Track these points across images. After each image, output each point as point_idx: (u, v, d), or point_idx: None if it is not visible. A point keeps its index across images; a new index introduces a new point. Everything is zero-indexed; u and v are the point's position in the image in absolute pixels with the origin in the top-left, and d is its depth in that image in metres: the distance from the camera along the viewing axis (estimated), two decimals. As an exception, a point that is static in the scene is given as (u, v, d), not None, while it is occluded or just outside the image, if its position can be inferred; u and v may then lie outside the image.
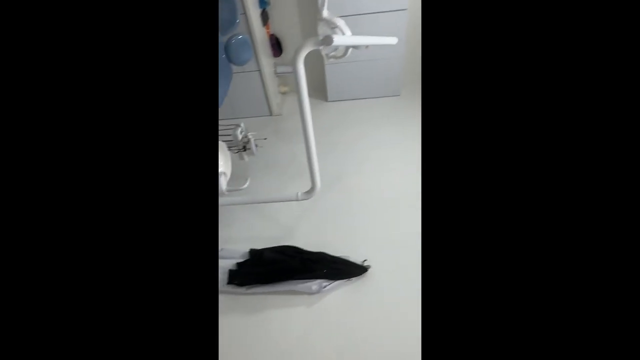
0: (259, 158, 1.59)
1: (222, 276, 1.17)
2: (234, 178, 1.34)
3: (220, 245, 1.31)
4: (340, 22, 1.02)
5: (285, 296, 1.15)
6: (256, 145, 1.48)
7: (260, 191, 1.57)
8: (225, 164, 1.31)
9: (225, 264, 1.19)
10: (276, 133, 1.96)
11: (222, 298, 1.17)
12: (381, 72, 2.02)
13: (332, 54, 1.18)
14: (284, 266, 1.13)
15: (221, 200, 1.18)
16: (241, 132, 1.42)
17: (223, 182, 1.20)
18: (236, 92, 1.99)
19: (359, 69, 2.00)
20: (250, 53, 1.32)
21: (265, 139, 1.51)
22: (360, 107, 2.08)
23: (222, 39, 1.27)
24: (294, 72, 0.85)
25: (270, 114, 2.12)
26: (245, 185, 1.20)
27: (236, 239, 1.38)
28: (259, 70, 1.92)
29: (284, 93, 2.26)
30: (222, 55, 1.26)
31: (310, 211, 1.45)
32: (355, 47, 1.08)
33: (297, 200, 1.11)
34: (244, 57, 1.30)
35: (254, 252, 1.23)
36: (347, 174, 1.62)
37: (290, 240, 1.30)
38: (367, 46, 1.06)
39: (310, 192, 1.09)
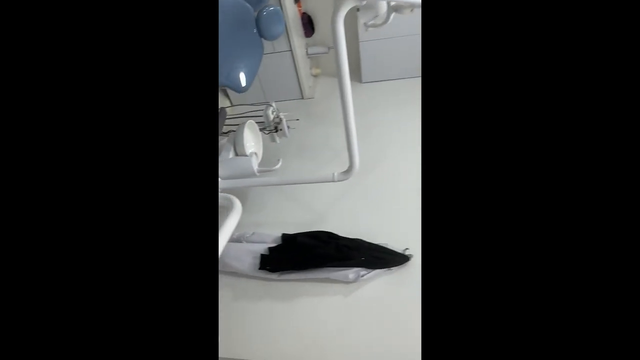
0: (291, 141, 1.52)
1: (254, 261, 1.12)
2: (266, 162, 1.28)
3: (252, 230, 1.26)
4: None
5: (320, 284, 1.07)
6: (288, 127, 1.41)
7: (293, 174, 1.50)
8: (256, 144, 1.25)
9: (257, 248, 1.14)
10: (308, 116, 1.88)
11: (253, 284, 1.12)
12: (419, 49, 1.87)
13: (372, 22, 1.07)
14: (318, 252, 1.05)
15: (253, 181, 1.12)
16: (273, 112, 1.35)
17: (254, 163, 1.14)
18: (267, 75, 1.93)
19: (396, 47, 1.86)
20: (282, 26, 1.24)
21: (297, 119, 1.43)
22: (397, 88, 1.94)
23: (253, 14, 1.20)
24: (333, 32, 0.76)
25: (302, 97, 2.04)
26: (278, 166, 1.14)
27: (267, 223, 1.32)
28: (291, 51, 1.83)
29: (316, 75, 2.17)
30: (253, 30, 1.20)
31: (344, 196, 1.36)
32: (398, 10, 0.97)
33: (333, 181, 1.03)
34: (276, 30, 1.22)
35: (286, 237, 1.16)
36: (385, 157, 1.51)
37: (323, 226, 1.22)
38: (412, 9, 0.94)
39: (348, 171, 1.00)
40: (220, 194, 1.08)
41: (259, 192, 1.46)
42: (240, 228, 1.27)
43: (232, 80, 1.20)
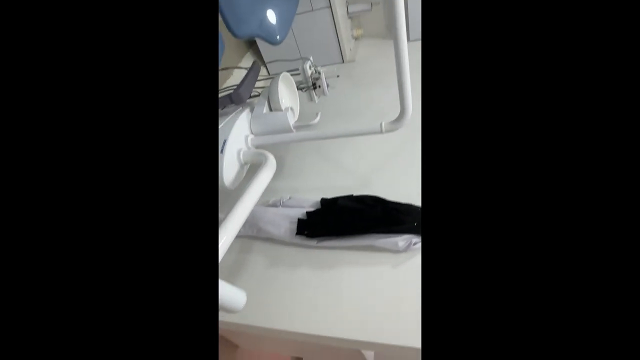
0: (331, 102, 1.38)
1: (291, 226, 1.01)
2: (304, 121, 1.16)
3: (288, 194, 1.15)
4: None
5: (364, 253, 0.94)
6: (328, 85, 1.27)
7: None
8: (292, 99, 1.12)
9: (294, 213, 1.03)
10: (350, 78, 1.72)
11: (290, 251, 1.02)
12: None
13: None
14: (362, 216, 0.92)
15: (288, 136, 1.00)
16: (310, 67, 1.22)
17: (290, 118, 1.02)
18: (304, 36, 1.80)
19: None
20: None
21: (338, 76, 1.28)
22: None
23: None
24: None
25: (343, 61, 1.88)
26: (316, 120, 1.01)
27: (305, 189, 1.20)
28: (330, 7, 1.68)
29: (357, 38, 1.99)
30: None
31: (392, 158, 1.20)
32: None
33: (381, 132, 0.88)
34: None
35: (325, 201, 1.03)
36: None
37: (367, 192, 1.08)
38: None
39: (399, 119, 0.84)
40: (253, 150, 0.98)
41: (297, 157, 1.35)
42: (277, 194, 1.17)
43: (266, 30, 1.08)
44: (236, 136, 0.95)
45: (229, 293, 0.58)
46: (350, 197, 1.02)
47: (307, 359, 2.93)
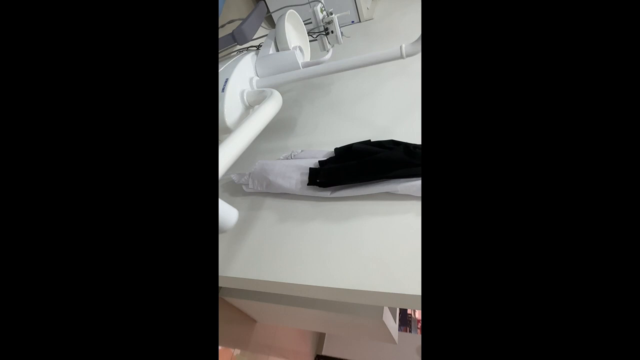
0: (345, 52, 1.26)
1: (303, 177, 0.91)
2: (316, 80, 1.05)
3: (300, 148, 1.06)
4: None
5: (384, 202, 0.83)
6: (342, 33, 1.16)
7: (347, 90, 1.26)
8: (301, 39, 1.02)
9: (305, 164, 0.93)
10: (367, 36, 1.60)
11: (302, 205, 0.92)
12: None
13: None
14: (381, 157, 0.80)
15: (295, 73, 0.89)
16: (322, 10, 1.11)
17: (299, 57, 0.91)
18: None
19: None
20: None
21: (347, 12, 1.16)
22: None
23: None
24: None
25: (359, 20, 1.75)
26: (327, 57, 0.91)
27: (319, 143, 1.10)
28: (344, -41, 1.55)
29: (374, -4, 1.85)
30: None
31: (413, 107, 1.08)
32: None
33: (401, 57, 0.76)
34: None
35: (339, 150, 0.93)
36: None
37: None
38: None
39: (419, 40, 0.72)
40: (258, 90, 0.88)
41: (310, 115, 1.25)
42: (288, 150, 1.07)
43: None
44: (239, 76, 0.86)
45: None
46: (367, 142, 0.91)
47: (328, 334, 2.84)
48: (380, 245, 0.76)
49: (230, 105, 0.81)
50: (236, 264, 0.85)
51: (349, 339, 2.69)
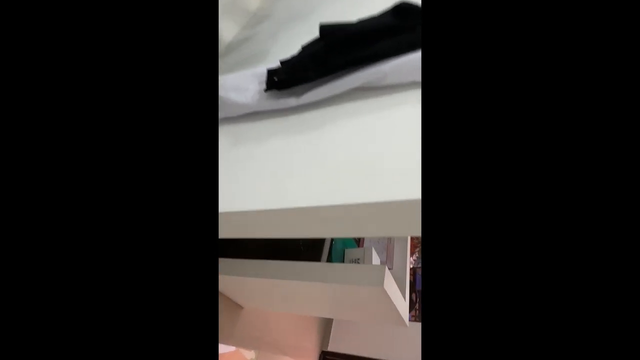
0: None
1: (261, 87, 0.67)
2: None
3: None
4: None
5: (371, 99, 0.58)
6: None
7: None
8: None
9: (264, 70, 0.69)
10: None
11: (261, 124, 0.68)
12: None
13: None
14: (357, 26, 0.55)
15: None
16: None
17: None
18: None
19: None
20: None
21: None
22: None
23: None
24: None
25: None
26: None
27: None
28: None
29: None
30: None
31: None
32: None
33: None
34: None
35: (306, 45, 0.68)
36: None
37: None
38: None
39: None
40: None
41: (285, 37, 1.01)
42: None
43: None
44: None
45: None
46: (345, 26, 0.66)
47: (334, 327, 2.59)
48: (365, 148, 0.50)
49: None
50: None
51: (357, 333, 2.42)
